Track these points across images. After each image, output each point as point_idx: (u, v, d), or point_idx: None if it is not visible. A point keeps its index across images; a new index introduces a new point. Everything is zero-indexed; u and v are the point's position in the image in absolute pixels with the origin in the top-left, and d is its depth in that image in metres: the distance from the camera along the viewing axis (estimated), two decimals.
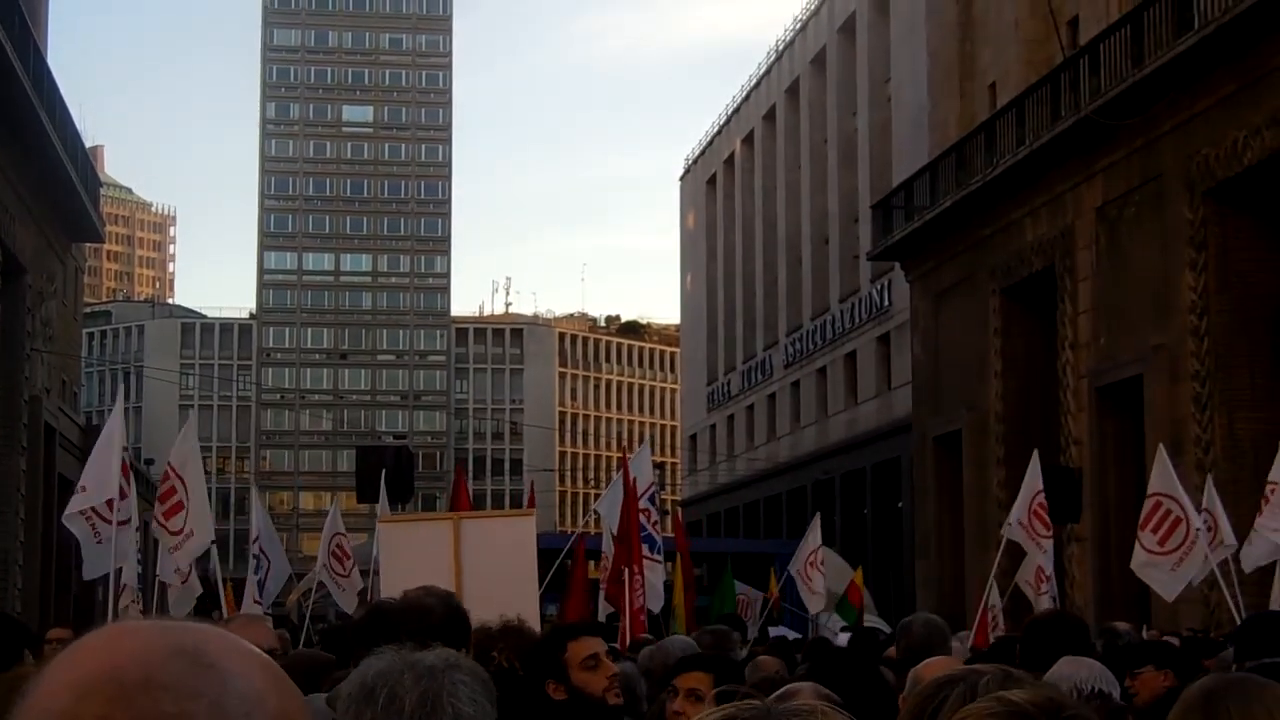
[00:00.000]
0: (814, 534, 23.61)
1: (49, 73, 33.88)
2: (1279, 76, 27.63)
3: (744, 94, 76.66)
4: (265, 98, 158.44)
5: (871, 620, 30.71)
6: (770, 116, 71.71)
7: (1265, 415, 28.49)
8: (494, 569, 8.42)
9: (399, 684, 3.27)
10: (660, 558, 17.85)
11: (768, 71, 72.54)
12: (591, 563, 22.25)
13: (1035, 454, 18.75)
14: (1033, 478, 17.97)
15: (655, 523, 17.81)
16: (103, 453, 13.72)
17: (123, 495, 13.34)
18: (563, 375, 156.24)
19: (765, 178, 72.45)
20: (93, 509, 13.20)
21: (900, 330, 51.99)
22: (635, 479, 17.02)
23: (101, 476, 13.43)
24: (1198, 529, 16.11)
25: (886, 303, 55.23)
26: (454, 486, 20.39)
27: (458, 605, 5.22)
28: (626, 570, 16.09)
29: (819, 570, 22.95)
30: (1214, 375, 29.75)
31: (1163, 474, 16.69)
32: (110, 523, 13.12)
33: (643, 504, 17.01)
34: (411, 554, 8.64)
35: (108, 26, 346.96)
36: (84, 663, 1.51)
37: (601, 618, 16.25)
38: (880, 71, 57.51)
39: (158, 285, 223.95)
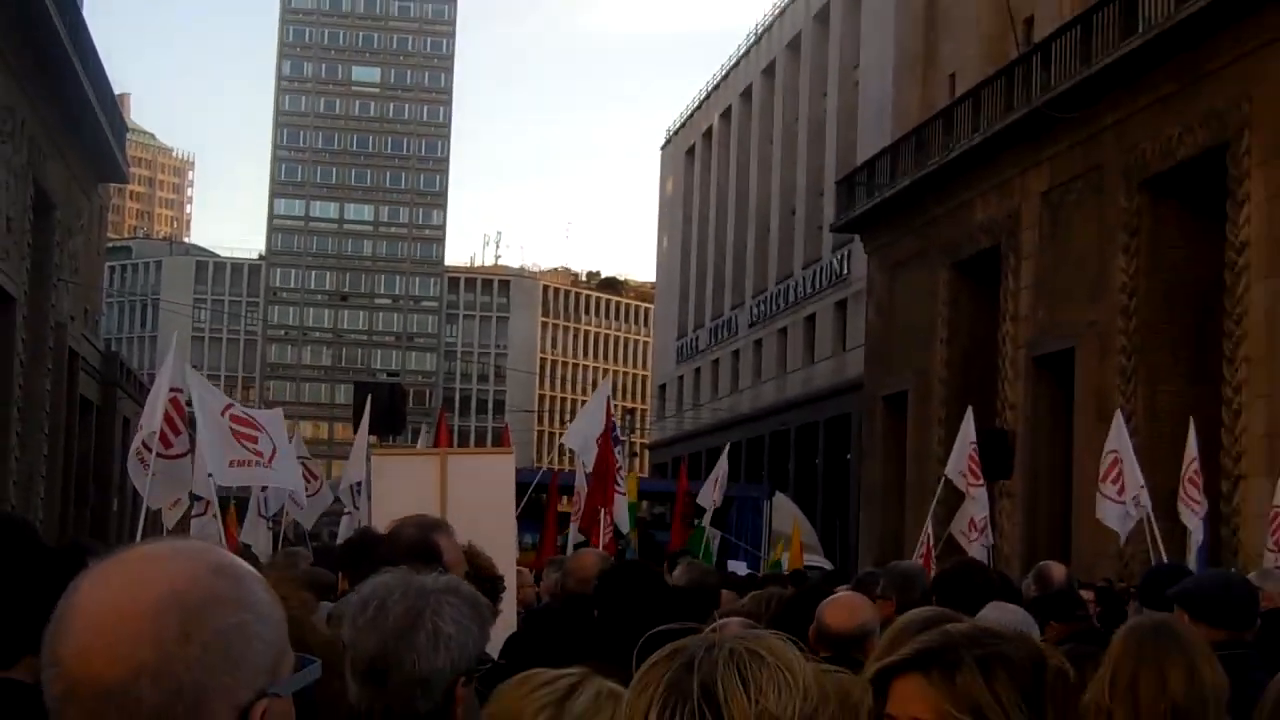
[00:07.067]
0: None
1: (84, 23, 33.72)
2: (1213, 80, 27.73)
3: (724, 72, 76.35)
4: (282, 56, 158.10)
5: (818, 559, 30.94)
6: (747, 95, 71.50)
7: (1184, 389, 28.71)
8: (476, 500, 8.49)
9: (389, 598, 3.32)
10: (623, 489, 17.91)
11: (746, 53, 72.31)
12: (565, 497, 22.35)
13: (969, 410, 18.96)
14: (966, 432, 18.23)
15: (617, 464, 17.74)
16: (154, 393, 13.79)
17: (176, 431, 13.26)
18: (545, 324, 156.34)
19: (740, 151, 72.30)
20: (142, 443, 13.17)
21: (857, 297, 52.04)
22: (613, 423, 17.07)
23: (148, 413, 13.49)
24: (1140, 485, 16.59)
25: (845, 271, 55.26)
26: (436, 426, 20.50)
27: (426, 537, 5.19)
28: (602, 510, 16.23)
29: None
30: (1140, 351, 29.91)
31: (1118, 435, 17.07)
32: (161, 456, 13.01)
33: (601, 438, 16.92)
34: (402, 484, 8.71)
35: None
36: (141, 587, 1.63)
37: (572, 547, 16.35)
38: (850, 58, 57.38)
39: (175, 225, 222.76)
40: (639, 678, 2.05)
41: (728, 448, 24.26)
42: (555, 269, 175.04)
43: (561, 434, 19.64)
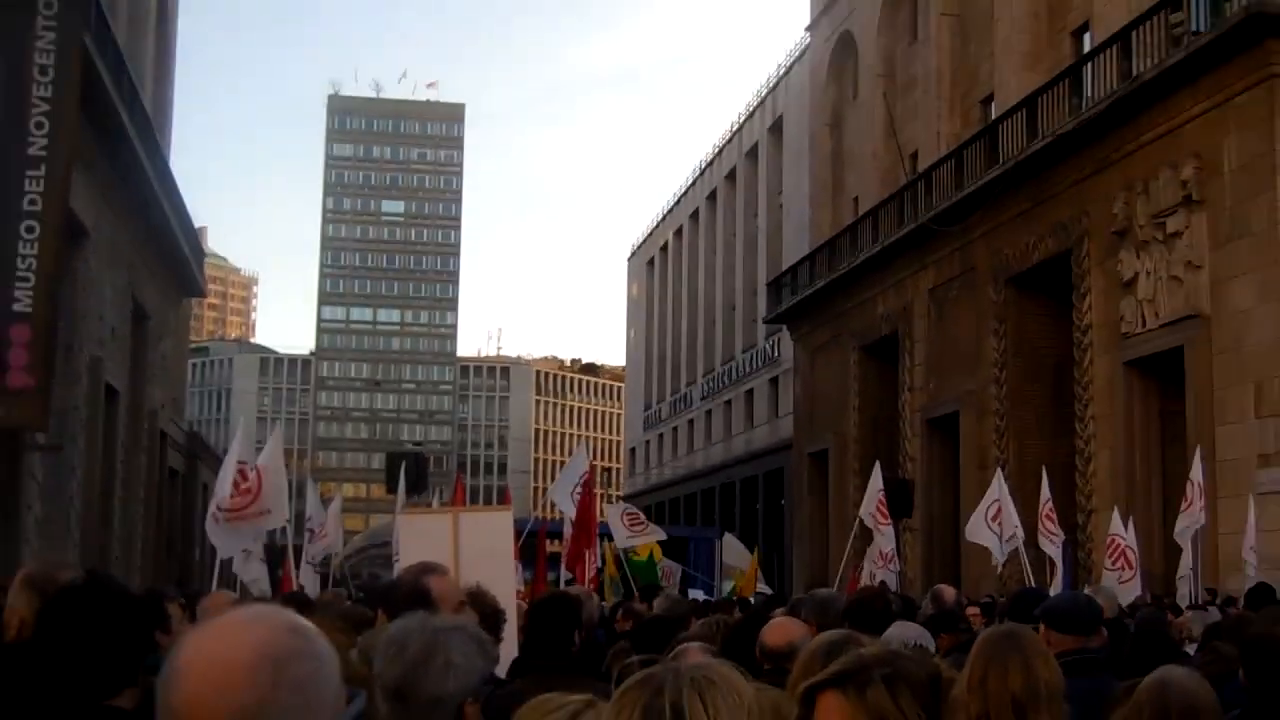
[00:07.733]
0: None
1: (170, 173, 33.79)
2: (1058, 200, 27.99)
3: (675, 199, 76.49)
4: (326, 194, 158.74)
5: (761, 586, 30.71)
6: (695, 216, 71.69)
7: (1047, 443, 28.77)
8: (482, 549, 8.41)
9: (408, 637, 3.32)
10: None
11: (693, 183, 72.55)
12: (556, 540, 22.18)
13: (877, 464, 19.04)
14: (875, 481, 18.27)
15: (597, 515, 17.66)
16: (225, 464, 13.68)
17: (242, 494, 13.12)
18: (538, 402, 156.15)
19: (690, 260, 72.46)
20: (216, 505, 13.09)
21: (786, 374, 52.04)
22: (587, 476, 16.91)
23: (220, 481, 13.41)
24: (1015, 525, 16.78)
25: (776, 354, 55.29)
26: (454, 487, 20.43)
27: (419, 580, 5.10)
28: (588, 552, 16.15)
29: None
30: (1009, 413, 29.98)
31: (998, 487, 17.25)
32: (233, 514, 12.91)
33: (579, 491, 16.72)
34: (423, 538, 8.61)
35: (213, 136, 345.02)
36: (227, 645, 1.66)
37: (563, 585, 16.23)
38: (775, 186, 57.71)
39: (243, 329, 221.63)
40: (616, 699, 2.02)
41: (616, 500, 24.12)
42: (545, 357, 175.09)
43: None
